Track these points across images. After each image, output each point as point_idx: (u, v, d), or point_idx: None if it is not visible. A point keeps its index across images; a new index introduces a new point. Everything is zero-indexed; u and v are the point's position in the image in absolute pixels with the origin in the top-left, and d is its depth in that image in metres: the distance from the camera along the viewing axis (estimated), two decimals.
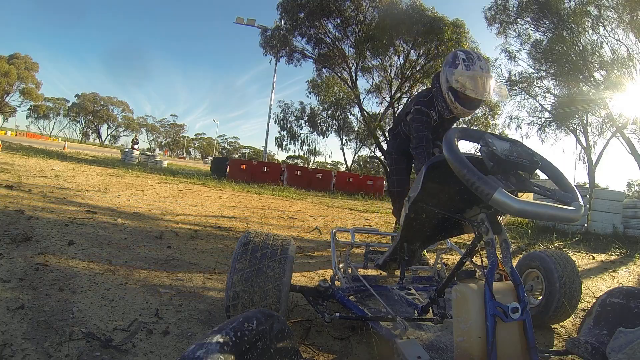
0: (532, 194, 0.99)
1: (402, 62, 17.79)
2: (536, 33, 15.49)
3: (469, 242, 1.10)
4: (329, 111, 25.69)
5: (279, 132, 28.42)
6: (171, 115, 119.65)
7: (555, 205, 0.86)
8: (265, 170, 13.63)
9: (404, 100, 19.60)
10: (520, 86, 16.91)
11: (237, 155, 63.55)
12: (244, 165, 13.90)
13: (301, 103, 27.59)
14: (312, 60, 18.57)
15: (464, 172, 0.84)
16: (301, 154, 30.38)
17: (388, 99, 20.12)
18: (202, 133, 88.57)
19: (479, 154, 0.97)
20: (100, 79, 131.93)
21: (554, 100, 16.85)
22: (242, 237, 1.33)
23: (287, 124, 27.77)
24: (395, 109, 19.61)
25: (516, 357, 0.87)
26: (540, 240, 4.76)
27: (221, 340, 0.59)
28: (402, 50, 17.37)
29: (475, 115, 19.13)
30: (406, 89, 18.82)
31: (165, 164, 17.77)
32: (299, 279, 2.30)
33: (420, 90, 2.71)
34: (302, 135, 28.80)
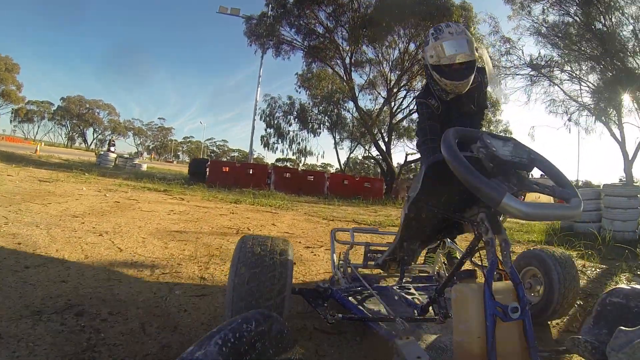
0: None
1: (402, 50, 16.23)
2: (559, 11, 13.71)
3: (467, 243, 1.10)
4: (321, 106, 22.69)
5: (265, 130, 24.62)
6: (159, 118, 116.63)
7: (560, 205, 0.88)
8: (250, 172, 12.12)
9: (402, 94, 18.51)
10: (544, 71, 14.97)
11: (226, 159, 61.75)
12: (227, 168, 12.28)
13: (290, 97, 23.82)
14: (302, 52, 17.03)
15: (469, 178, 0.83)
16: (290, 154, 26.17)
17: (384, 94, 18.74)
18: (190, 136, 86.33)
19: (477, 154, 0.97)
20: (88, 82, 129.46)
21: (582, 88, 14.96)
22: (240, 240, 1.33)
23: (273, 121, 24.03)
24: (393, 105, 18.50)
25: (516, 356, 0.87)
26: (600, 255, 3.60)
27: (220, 341, 0.59)
28: (402, 36, 15.72)
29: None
30: (404, 82, 17.50)
31: (144, 167, 17.10)
32: None
33: None
34: (291, 132, 25.02)
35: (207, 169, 11.99)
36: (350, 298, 1.53)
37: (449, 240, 2.11)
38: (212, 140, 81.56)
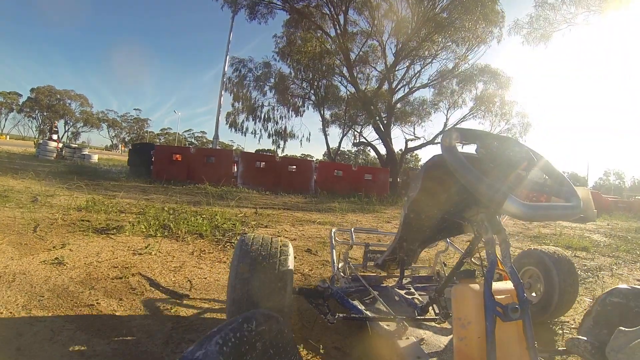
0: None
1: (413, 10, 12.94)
2: None
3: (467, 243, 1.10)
4: (306, 75, 17.06)
5: (232, 105, 18.36)
6: (134, 109, 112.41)
7: (560, 204, 0.89)
8: (211, 161, 9.16)
9: (401, 69, 15.68)
10: None
11: None
12: (178, 155, 9.14)
13: (267, 63, 17.72)
14: (285, 14, 13.99)
15: (468, 178, 0.83)
16: (265, 136, 19.29)
17: (381, 68, 15.96)
18: (168, 128, 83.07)
19: (475, 153, 0.97)
20: (64, 74, 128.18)
21: None
22: (239, 240, 1.32)
23: (242, 91, 17.80)
24: (392, 81, 15.97)
25: (516, 356, 0.87)
26: None
27: (220, 341, 0.59)
28: None
29: (487, 92, 17.30)
30: (403, 56, 14.55)
31: (94, 158, 15.15)
32: None
33: None
34: (266, 107, 18.36)
35: (153, 158, 8.94)
36: (350, 298, 1.53)
37: (448, 240, 2.12)
38: (191, 131, 79.15)
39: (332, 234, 2.07)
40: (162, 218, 3.38)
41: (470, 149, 1.03)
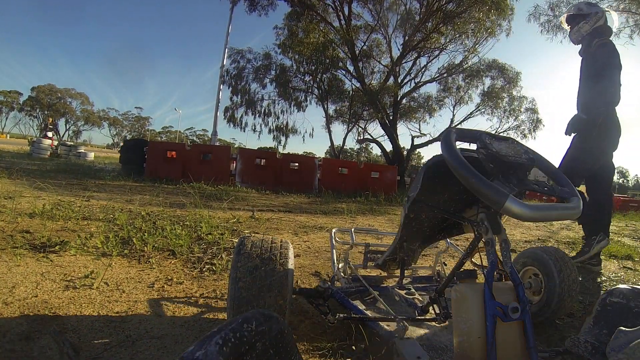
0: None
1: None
2: None
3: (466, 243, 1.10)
4: (308, 67, 16.10)
5: (230, 99, 17.53)
6: (136, 107, 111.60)
7: (560, 205, 0.89)
8: (208, 158, 8.65)
9: (408, 62, 15.47)
10: None
11: None
12: (173, 152, 8.56)
13: (267, 55, 16.73)
14: (287, 4, 13.54)
15: (470, 179, 0.84)
16: (266, 131, 18.21)
17: (386, 62, 15.83)
18: (169, 126, 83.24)
19: (475, 154, 0.97)
20: (68, 73, 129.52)
21: None
22: (238, 242, 1.33)
23: (240, 84, 16.92)
24: (398, 75, 15.65)
25: (516, 357, 0.88)
26: None
27: (220, 341, 0.59)
28: None
29: (495, 87, 17.19)
30: (410, 48, 13.99)
31: (90, 156, 14.97)
32: None
33: None
34: (267, 99, 17.38)
35: (147, 156, 8.33)
36: (350, 298, 1.53)
37: (448, 240, 2.12)
38: (192, 129, 79.06)
39: (332, 234, 2.07)
40: (128, 229, 2.72)
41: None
